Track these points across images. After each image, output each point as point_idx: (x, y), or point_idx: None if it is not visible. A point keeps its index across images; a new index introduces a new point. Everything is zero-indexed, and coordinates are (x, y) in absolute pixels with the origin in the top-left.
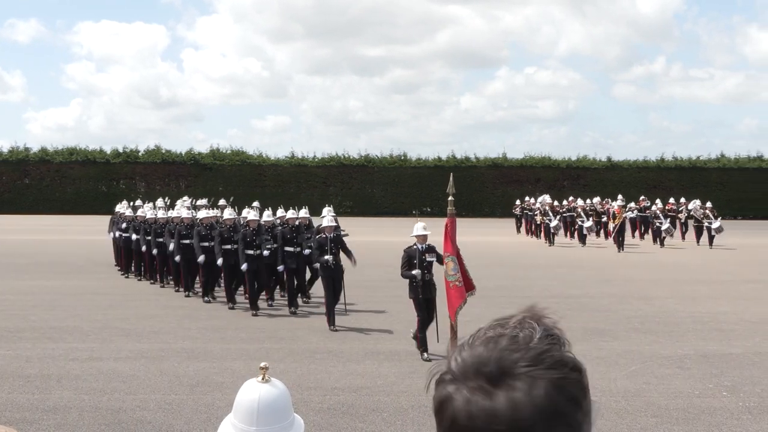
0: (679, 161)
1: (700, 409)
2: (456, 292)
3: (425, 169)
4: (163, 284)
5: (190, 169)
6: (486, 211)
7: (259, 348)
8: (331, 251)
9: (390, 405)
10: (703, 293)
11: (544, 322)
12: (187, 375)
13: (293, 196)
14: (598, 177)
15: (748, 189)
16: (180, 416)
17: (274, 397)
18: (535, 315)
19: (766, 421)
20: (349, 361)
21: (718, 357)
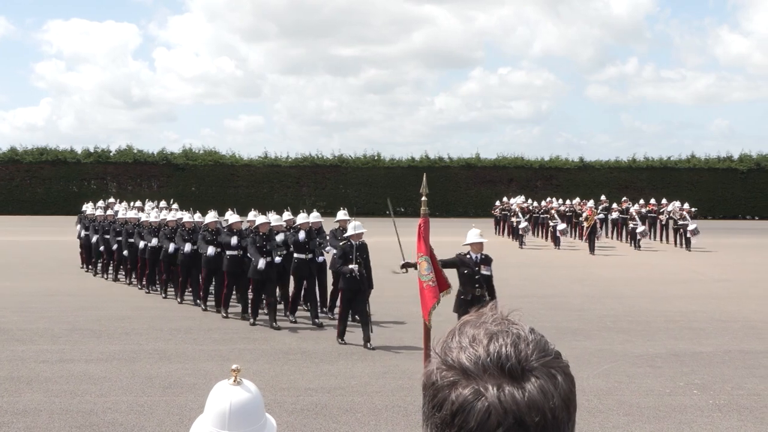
0: (650, 161)
1: (671, 407)
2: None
3: (399, 170)
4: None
5: (162, 169)
6: (459, 211)
7: (232, 349)
8: (356, 260)
9: (364, 405)
10: (674, 293)
11: (515, 317)
12: (159, 376)
13: (266, 196)
14: (571, 177)
15: (718, 189)
16: (152, 418)
17: (245, 399)
18: (502, 312)
19: (736, 418)
20: (322, 362)
21: (688, 355)
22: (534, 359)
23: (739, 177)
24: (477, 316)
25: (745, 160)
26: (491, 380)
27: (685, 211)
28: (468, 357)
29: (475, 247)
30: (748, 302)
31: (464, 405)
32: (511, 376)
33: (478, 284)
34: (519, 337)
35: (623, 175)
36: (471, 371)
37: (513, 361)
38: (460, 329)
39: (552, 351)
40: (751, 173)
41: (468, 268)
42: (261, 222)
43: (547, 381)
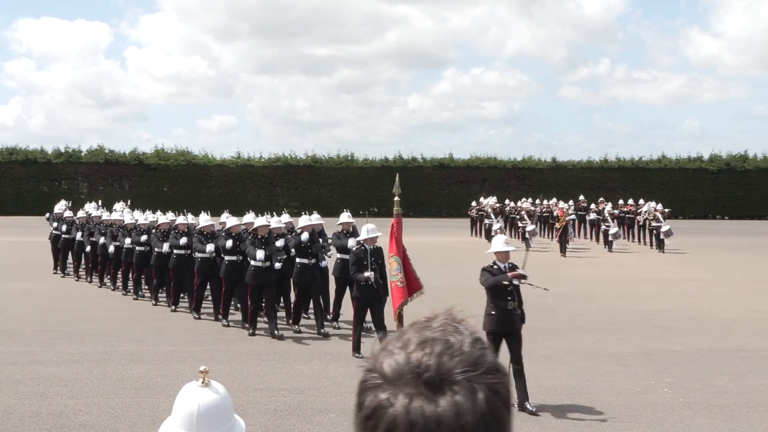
0: (621, 162)
1: (642, 406)
2: (397, 293)
3: (372, 170)
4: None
5: (133, 169)
6: (433, 212)
7: (204, 350)
8: (371, 266)
9: (337, 406)
10: (646, 292)
11: (466, 325)
12: (131, 378)
13: (239, 197)
14: (543, 178)
15: (689, 189)
16: (123, 420)
17: (213, 401)
18: (456, 318)
19: (706, 416)
20: (295, 362)
21: (660, 354)
22: (458, 372)
23: (709, 177)
24: (428, 319)
25: (715, 161)
26: (405, 389)
27: (658, 212)
28: (390, 363)
29: (502, 255)
30: (719, 301)
31: (377, 410)
32: (428, 388)
33: (510, 297)
34: (450, 348)
35: (595, 176)
36: (389, 377)
37: (432, 372)
38: (403, 331)
39: (485, 366)
40: (721, 173)
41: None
42: (260, 224)
43: (465, 396)
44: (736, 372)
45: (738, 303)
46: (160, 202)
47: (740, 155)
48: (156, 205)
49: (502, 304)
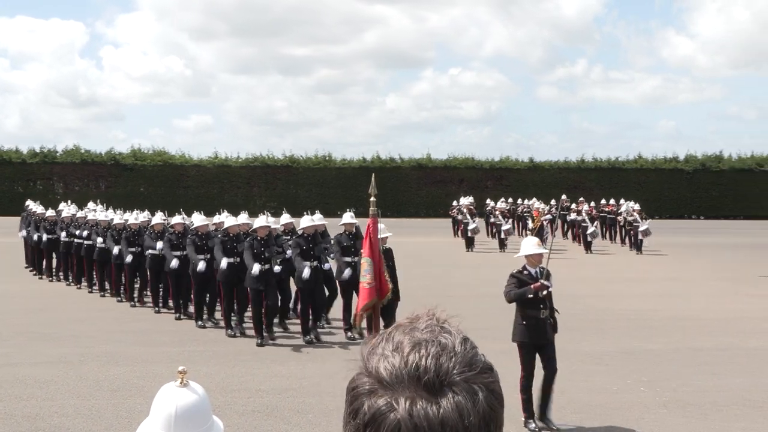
0: (598, 162)
1: (619, 405)
2: (363, 293)
3: (350, 170)
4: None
5: (110, 169)
6: (411, 212)
7: (182, 351)
8: None
9: (315, 406)
10: (624, 291)
11: (451, 324)
12: (108, 379)
13: (216, 197)
14: (521, 178)
15: (665, 189)
16: (100, 422)
17: (192, 401)
18: (439, 318)
19: (681, 415)
20: (273, 363)
21: (637, 353)
22: (456, 373)
23: (684, 177)
24: (411, 320)
25: (690, 161)
26: (405, 393)
27: (636, 212)
28: (386, 366)
29: (533, 259)
30: (696, 301)
31: (376, 416)
32: (428, 390)
33: (542, 304)
34: (444, 349)
35: (572, 176)
36: (387, 382)
37: (431, 375)
38: (390, 334)
39: (480, 365)
40: (697, 173)
41: (528, 286)
42: (260, 225)
43: (466, 397)
44: (712, 371)
45: (714, 302)
46: (136, 202)
47: (715, 156)
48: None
49: (533, 313)
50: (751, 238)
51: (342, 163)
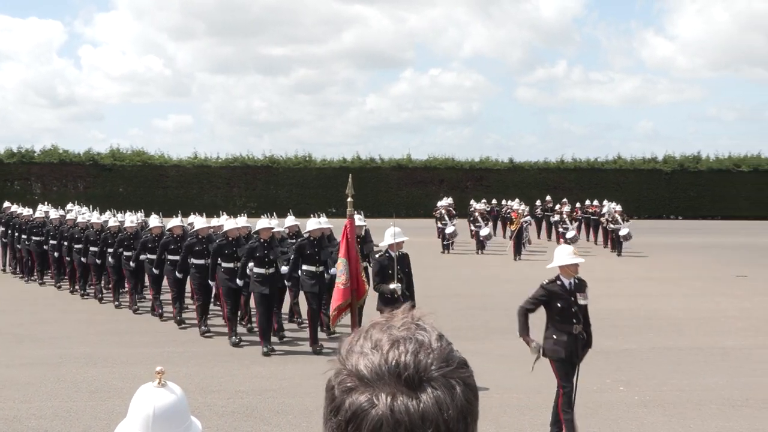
0: (577, 162)
1: (598, 404)
2: (336, 294)
3: (330, 170)
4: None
5: (88, 169)
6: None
7: (160, 352)
8: (398, 276)
9: (295, 407)
10: (600, 291)
11: (427, 321)
12: (86, 381)
13: (196, 197)
14: (500, 178)
15: (643, 190)
16: (78, 423)
17: (169, 402)
18: (414, 315)
19: (660, 413)
20: (252, 364)
21: (615, 353)
22: (434, 369)
23: (663, 178)
24: (387, 318)
25: (669, 161)
26: (386, 389)
27: (617, 213)
28: (366, 364)
29: (569, 269)
30: (673, 300)
31: (358, 412)
32: (408, 386)
33: (576, 319)
34: (422, 345)
35: (552, 176)
36: (367, 378)
37: (411, 371)
38: (367, 332)
39: (456, 360)
40: (675, 174)
41: (561, 299)
42: (262, 227)
43: (444, 392)
44: (689, 370)
45: (691, 302)
46: (115, 202)
47: (693, 156)
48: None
49: (566, 328)
50: (728, 238)
51: (322, 163)
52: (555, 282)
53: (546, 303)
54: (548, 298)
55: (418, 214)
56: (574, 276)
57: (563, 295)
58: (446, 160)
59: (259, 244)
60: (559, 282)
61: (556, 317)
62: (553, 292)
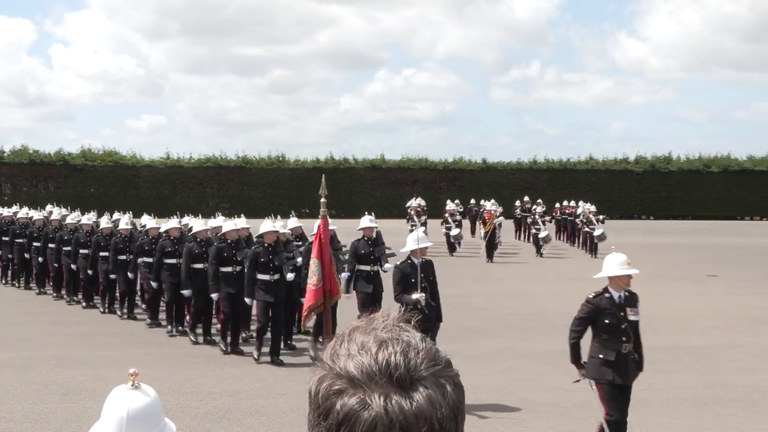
0: (550, 163)
1: (570, 403)
2: (309, 294)
3: (304, 171)
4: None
5: (59, 170)
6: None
7: (132, 354)
8: (421, 285)
9: (269, 408)
10: (573, 291)
11: (406, 322)
12: (56, 383)
13: (169, 197)
14: (474, 179)
15: (615, 190)
16: (49, 426)
17: (143, 404)
18: (395, 317)
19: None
20: (226, 365)
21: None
22: (423, 368)
23: (634, 178)
24: (368, 322)
25: (640, 162)
26: (378, 389)
27: (591, 214)
28: (356, 365)
29: (620, 281)
30: (644, 300)
31: (350, 414)
32: (400, 386)
33: (626, 337)
34: (409, 346)
35: (525, 177)
36: (358, 380)
37: (402, 371)
38: (350, 335)
39: (442, 360)
40: (646, 174)
41: (609, 314)
42: (267, 230)
43: (435, 391)
44: (661, 369)
45: (662, 301)
46: (86, 203)
47: (664, 157)
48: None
49: (614, 346)
50: (699, 238)
51: (296, 164)
52: (603, 295)
53: (593, 319)
54: (595, 313)
55: (392, 214)
56: (627, 288)
57: (612, 310)
58: (420, 160)
59: (263, 249)
60: (607, 295)
61: (603, 335)
62: (601, 306)
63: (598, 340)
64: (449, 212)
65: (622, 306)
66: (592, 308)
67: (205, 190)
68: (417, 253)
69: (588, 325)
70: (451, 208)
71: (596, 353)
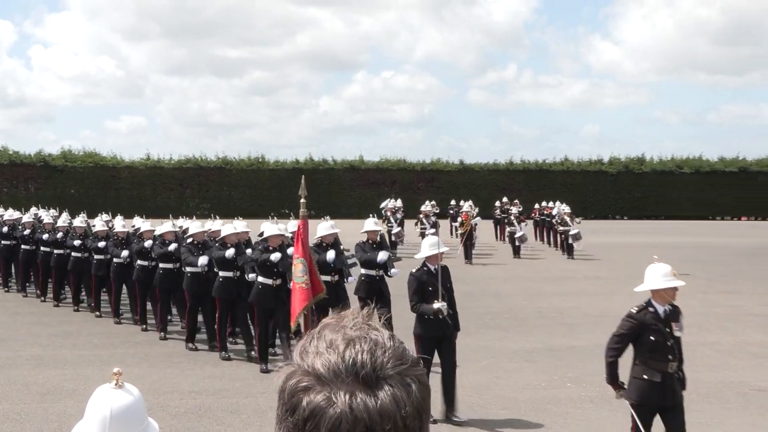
0: (526, 164)
1: (546, 400)
2: (302, 294)
3: (283, 172)
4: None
5: (39, 171)
6: (343, 213)
7: (113, 353)
8: (441, 295)
9: (248, 406)
10: (549, 290)
11: (376, 321)
12: (37, 383)
13: (149, 198)
14: (451, 179)
15: (589, 191)
16: (30, 425)
17: (127, 403)
18: (365, 315)
19: (606, 409)
20: (206, 364)
21: (563, 350)
22: (390, 367)
23: (608, 179)
24: (338, 319)
25: (614, 163)
26: (344, 387)
27: (566, 215)
28: (323, 363)
29: (666, 294)
30: (618, 299)
31: (316, 411)
32: (365, 384)
33: (671, 354)
34: (376, 344)
35: (501, 177)
36: (325, 377)
37: (368, 369)
38: (319, 333)
39: (409, 359)
40: (620, 175)
41: (654, 331)
42: (271, 234)
43: (400, 389)
44: None
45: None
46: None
47: (638, 158)
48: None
49: (659, 366)
50: (671, 237)
51: (275, 164)
52: (646, 309)
53: (635, 336)
54: (639, 330)
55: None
56: (672, 301)
57: (657, 326)
58: (398, 161)
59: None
60: (651, 309)
61: (648, 353)
62: (645, 322)
63: (641, 358)
64: (424, 213)
65: (667, 321)
66: (636, 324)
67: (185, 191)
68: (434, 260)
69: (629, 343)
70: (426, 209)
71: (640, 374)
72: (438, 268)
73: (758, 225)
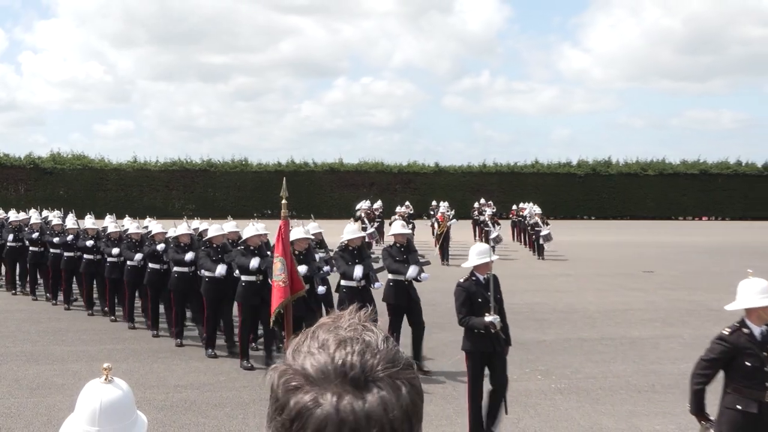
0: (499, 167)
1: (517, 392)
2: (279, 292)
3: (266, 174)
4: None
5: (29, 173)
6: (324, 213)
7: (100, 349)
8: (493, 307)
9: (232, 400)
10: (520, 286)
11: (371, 323)
12: (27, 378)
13: (136, 200)
14: (427, 181)
15: (559, 192)
16: (19, 420)
17: (116, 396)
18: (360, 316)
19: (575, 400)
20: (191, 359)
21: (533, 344)
22: (380, 369)
23: (577, 181)
24: (334, 319)
25: (582, 166)
26: (332, 388)
27: (537, 216)
28: (312, 363)
29: (762, 314)
30: (586, 295)
31: (303, 411)
32: (354, 386)
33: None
34: (368, 346)
35: (475, 179)
36: (313, 378)
37: (357, 371)
38: (314, 332)
39: (402, 362)
40: (588, 177)
41: (750, 355)
42: (298, 237)
43: (390, 392)
44: (600, 359)
45: (601, 296)
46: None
47: (605, 161)
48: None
49: (755, 395)
50: (636, 236)
51: (258, 167)
52: (740, 330)
53: (728, 361)
54: (732, 354)
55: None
56: (767, 322)
57: (752, 350)
58: (376, 164)
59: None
60: (746, 330)
61: (742, 380)
62: (739, 345)
63: (733, 388)
64: (399, 215)
65: (764, 344)
66: (729, 348)
67: (171, 192)
68: (483, 269)
69: (720, 368)
70: (401, 211)
71: (732, 403)
72: (489, 278)
73: (718, 224)
